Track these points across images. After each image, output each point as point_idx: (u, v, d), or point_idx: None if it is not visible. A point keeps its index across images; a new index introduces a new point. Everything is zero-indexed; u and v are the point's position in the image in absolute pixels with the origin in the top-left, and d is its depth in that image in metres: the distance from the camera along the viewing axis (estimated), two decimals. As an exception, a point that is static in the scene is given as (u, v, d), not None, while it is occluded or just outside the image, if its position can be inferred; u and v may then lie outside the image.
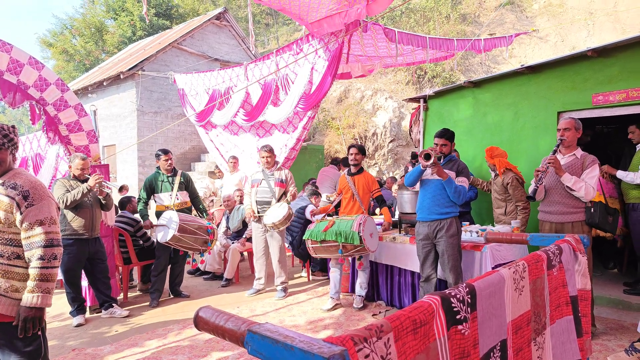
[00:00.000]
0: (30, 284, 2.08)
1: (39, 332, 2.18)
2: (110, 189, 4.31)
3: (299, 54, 6.55)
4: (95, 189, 4.25)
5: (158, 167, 5.19)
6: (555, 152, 3.48)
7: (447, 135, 3.76)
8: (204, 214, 5.37)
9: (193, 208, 5.49)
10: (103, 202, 4.48)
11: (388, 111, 13.51)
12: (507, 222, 4.46)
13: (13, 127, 2.27)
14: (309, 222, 5.85)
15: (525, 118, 5.18)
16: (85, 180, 4.33)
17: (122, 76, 11.77)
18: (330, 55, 6.04)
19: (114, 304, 4.65)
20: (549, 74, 4.97)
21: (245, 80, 7.53)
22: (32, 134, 6.06)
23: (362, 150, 4.75)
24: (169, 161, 5.11)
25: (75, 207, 4.26)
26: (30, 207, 2.11)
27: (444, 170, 3.59)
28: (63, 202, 4.16)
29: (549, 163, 3.39)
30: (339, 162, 7.48)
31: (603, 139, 6.32)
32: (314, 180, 7.27)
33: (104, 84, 12.51)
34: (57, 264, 2.14)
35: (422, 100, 6.36)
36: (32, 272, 2.08)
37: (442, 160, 3.75)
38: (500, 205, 4.63)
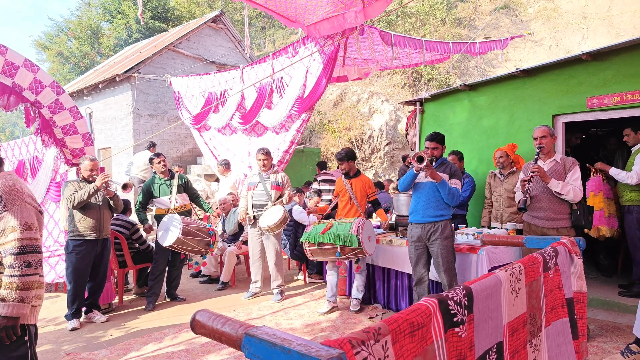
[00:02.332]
0: (2, 292, 2.01)
1: (26, 337, 2.12)
2: (115, 187, 4.32)
3: (294, 57, 6.56)
4: (102, 189, 4.29)
5: (154, 172, 5.20)
6: (536, 160, 3.56)
7: (437, 138, 3.81)
8: (210, 211, 5.38)
9: (193, 210, 5.48)
10: (111, 203, 4.50)
11: (384, 114, 13.54)
12: (520, 220, 4.45)
13: None
14: (298, 223, 5.85)
15: (521, 121, 5.21)
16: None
17: (118, 79, 11.74)
18: (325, 58, 6.06)
19: (94, 309, 4.63)
20: (544, 78, 5.00)
21: (241, 83, 7.53)
22: (28, 136, 6.02)
23: (347, 158, 4.70)
24: (162, 163, 5.10)
25: (83, 207, 4.30)
26: (2, 212, 2.04)
27: (437, 173, 3.62)
28: (70, 202, 4.22)
29: (532, 172, 3.44)
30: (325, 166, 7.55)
31: (595, 142, 6.37)
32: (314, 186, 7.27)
33: (100, 86, 12.47)
34: (33, 272, 2.06)
35: (418, 104, 6.39)
36: (4, 280, 2.02)
37: (434, 163, 3.77)
38: (512, 204, 4.58)
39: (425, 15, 17.38)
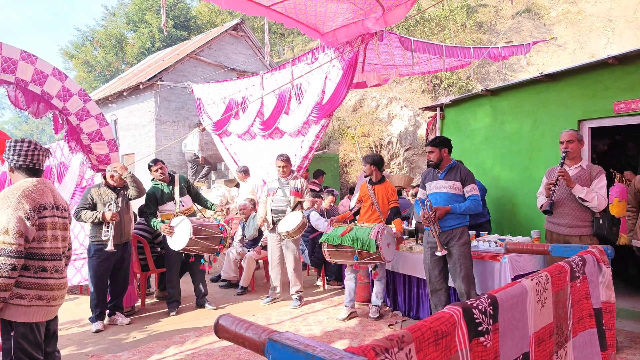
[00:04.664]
0: None
1: (12, 333, 2.28)
2: (107, 237, 4.36)
3: (313, 63, 6.60)
4: (110, 221, 4.38)
5: (153, 179, 5.11)
6: (562, 164, 3.50)
7: (433, 142, 3.83)
8: (213, 207, 5.36)
9: (199, 212, 5.48)
10: (133, 189, 4.58)
11: (403, 120, 13.46)
12: None
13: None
14: (315, 229, 5.84)
15: (545, 126, 5.11)
16: (118, 188, 4.54)
17: (141, 86, 12.01)
18: (345, 65, 6.07)
19: (117, 312, 4.70)
20: (569, 82, 4.90)
21: (260, 89, 7.61)
22: (55, 143, 6.21)
23: (370, 161, 4.70)
24: (160, 170, 5.01)
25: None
26: None
27: (442, 207, 3.66)
28: (76, 216, 4.40)
29: (559, 175, 3.37)
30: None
31: (620, 148, 6.19)
32: (329, 189, 7.28)
33: (124, 94, 12.77)
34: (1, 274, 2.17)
35: (438, 109, 6.33)
36: None
37: (441, 171, 3.82)
38: None
39: (445, 20, 17.25)
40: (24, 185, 2.38)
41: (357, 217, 5.02)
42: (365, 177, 4.87)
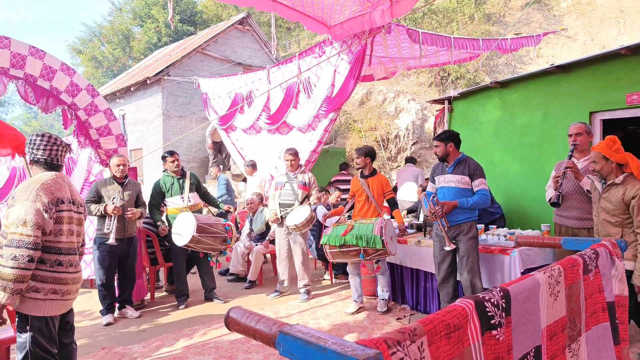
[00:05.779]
0: None
1: (27, 327, 2.30)
2: (109, 230, 4.38)
3: (321, 56, 6.56)
4: (111, 214, 4.39)
5: (165, 170, 5.11)
6: (570, 157, 3.48)
7: (439, 137, 3.80)
8: (221, 206, 5.36)
9: (206, 209, 5.48)
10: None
11: (411, 113, 13.38)
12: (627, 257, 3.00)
13: None
14: (321, 223, 5.83)
15: (556, 118, 5.04)
16: (124, 182, 4.57)
17: (148, 81, 12.05)
18: (352, 58, 6.03)
19: (127, 305, 4.73)
20: (580, 73, 4.82)
21: (267, 83, 7.59)
22: (65, 138, 6.25)
23: (364, 153, 4.67)
24: (176, 162, 5.01)
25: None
26: (10, 207, 2.28)
27: (449, 202, 3.64)
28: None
29: (567, 168, 3.34)
30: (415, 161, 7.81)
31: (631, 140, 6.09)
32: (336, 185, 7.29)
33: (132, 89, 12.82)
34: (14, 265, 2.18)
35: (446, 102, 6.27)
36: None
37: (449, 165, 3.78)
38: (612, 230, 3.08)
39: (453, 12, 17.06)
40: (43, 178, 2.40)
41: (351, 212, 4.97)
42: (358, 169, 4.84)
